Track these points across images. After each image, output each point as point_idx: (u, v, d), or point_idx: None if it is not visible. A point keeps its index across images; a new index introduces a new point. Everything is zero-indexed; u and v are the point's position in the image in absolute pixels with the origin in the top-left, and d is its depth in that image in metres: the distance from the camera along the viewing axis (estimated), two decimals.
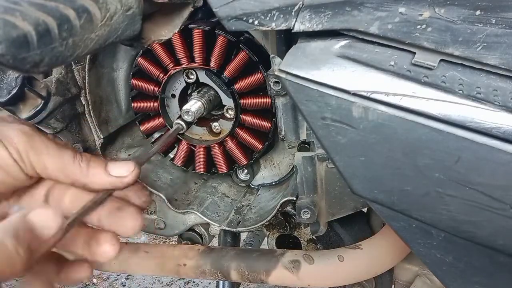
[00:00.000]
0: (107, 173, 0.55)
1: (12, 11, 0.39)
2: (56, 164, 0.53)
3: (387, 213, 0.56)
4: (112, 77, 0.97)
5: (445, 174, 0.49)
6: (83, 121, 0.94)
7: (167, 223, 1.03)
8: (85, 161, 0.55)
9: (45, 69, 0.45)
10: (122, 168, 0.55)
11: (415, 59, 0.49)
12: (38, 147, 0.52)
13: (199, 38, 0.85)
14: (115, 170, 0.55)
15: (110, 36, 0.48)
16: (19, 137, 0.51)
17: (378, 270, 0.88)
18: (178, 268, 0.96)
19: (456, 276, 0.59)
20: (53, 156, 0.53)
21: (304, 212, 0.76)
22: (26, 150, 0.51)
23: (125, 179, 0.55)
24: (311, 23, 0.50)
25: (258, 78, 0.84)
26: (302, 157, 0.73)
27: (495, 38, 0.46)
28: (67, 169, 0.54)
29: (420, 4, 0.48)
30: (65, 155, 0.54)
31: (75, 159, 0.54)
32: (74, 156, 0.54)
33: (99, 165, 0.55)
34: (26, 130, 0.53)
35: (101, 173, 0.55)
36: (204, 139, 0.97)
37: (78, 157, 0.55)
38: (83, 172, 0.54)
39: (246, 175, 1.04)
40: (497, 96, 0.46)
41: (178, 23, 0.57)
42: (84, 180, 0.55)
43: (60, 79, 0.86)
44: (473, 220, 0.51)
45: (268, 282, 0.92)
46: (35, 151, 0.52)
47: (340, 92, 0.50)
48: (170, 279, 2.34)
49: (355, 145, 0.52)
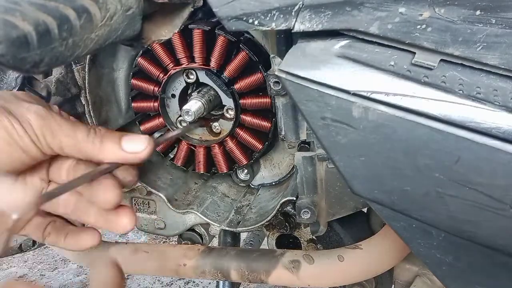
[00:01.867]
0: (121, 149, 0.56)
1: (12, 11, 0.39)
2: (71, 142, 0.55)
3: (387, 213, 0.56)
4: (112, 77, 0.97)
5: (445, 174, 0.49)
6: (83, 121, 0.94)
7: (167, 223, 1.03)
8: (99, 137, 0.56)
9: (45, 69, 0.45)
10: (136, 143, 0.57)
11: (415, 59, 0.49)
12: (53, 128, 0.54)
13: (199, 38, 0.85)
14: (129, 146, 0.57)
15: (110, 36, 0.48)
16: (36, 120, 0.53)
17: (378, 270, 0.88)
18: (178, 268, 0.96)
19: (456, 276, 0.59)
20: (68, 136, 0.55)
21: (304, 212, 0.76)
22: (42, 132, 0.54)
23: (139, 154, 0.57)
24: (311, 23, 0.50)
25: (258, 78, 0.84)
26: (302, 157, 0.73)
27: (495, 38, 0.46)
28: (82, 146, 0.56)
29: (420, 4, 0.48)
30: (79, 133, 0.56)
31: (89, 136, 0.56)
32: (87, 134, 0.56)
33: (113, 141, 0.57)
34: (41, 112, 0.55)
35: (115, 149, 0.56)
36: (204, 139, 0.97)
37: (92, 133, 0.56)
38: (96, 149, 0.56)
39: (246, 175, 1.04)
40: (497, 96, 0.46)
41: (178, 23, 0.57)
42: (98, 156, 0.56)
43: (60, 79, 0.86)
44: (473, 220, 0.51)
45: (268, 282, 0.92)
46: (50, 132, 0.54)
47: (340, 92, 0.50)
48: (170, 279, 2.34)
49: (355, 145, 0.52)
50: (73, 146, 0.56)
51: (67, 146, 0.55)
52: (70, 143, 0.55)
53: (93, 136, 0.56)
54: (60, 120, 0.56)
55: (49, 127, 0.54)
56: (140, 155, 0.57)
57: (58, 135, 0.55)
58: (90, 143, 0.56)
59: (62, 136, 0.55)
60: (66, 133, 0.55)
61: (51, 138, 0.54)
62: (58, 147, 0.55)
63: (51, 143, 0.55)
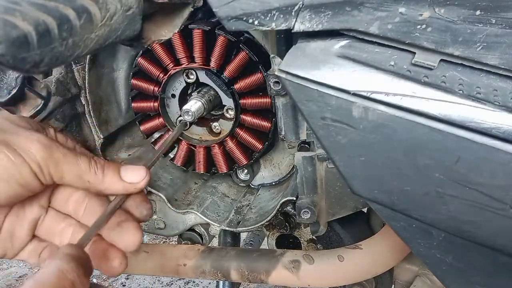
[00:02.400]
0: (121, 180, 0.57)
1: (12, 11, 0.39)
2: (73, 172, 0.55)
3: (387, 213, 0.56)
4: (112, 77, 0.97)
5: (445, 174, 0.49)
6: (83, 121, 0.94)
7: (167, 223, 1.03)
8: (100, 168, 0.57)
9: (45, 69, 0.45)
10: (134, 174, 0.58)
11: (415, 59, 0.49)
12: (56, 158, 0.54)
13: (199, 38, 0.85)
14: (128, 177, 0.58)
15: (110, 36, 0.48)
16: (39, 150, 0.52)
17: (378, 270, 0.88)
18: (178, 268, 0.96)
19: (456, 276, 0.59)
20: (71, 165, 0.55)
21: (304, 212, 0.76)
22: (46, 162, 0.53)
23: (138, 185, 0.58)
24: (311, 23, 0.50)
25: (258, 78, 0.84)
26: (302, 157, 0.73)
27: (495, 38, 0.46)
28: (84, 177, 0.56)
29: (420, 4, 0.48)
30: (82, 164, 0.56)
31: (90, 167, 0.56)
32: (89, 164, 0.56)
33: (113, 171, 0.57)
34: (44, 141, 0.54)
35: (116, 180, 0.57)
36: (204, 139, 0.97)
37: (94, 164, 0.57)
38: (98, 179, 0.56)
39: (246, 175, 1.04)
40: (497, 96, 0.46)
41: (178, 23, 0.57)
42: (100, 187, 0.57)
43: (60, 79, 0.86)
44: (473, 220, 0.51)
45: (268, 282, 0.92)
46: (54, 162, 0.53)
47: (340, 92, 0.50)
48: (170, 279, 2.34)
49: (355, 145, 0.52)
50: (75, 175, 0.55)
51: (69, 176, 0.55)
52: (73, 172, 0.55)
53: (95, 167, 0.56)
54: (63, 149, 0.55)
55: (52, 157, 0.53)
56: (139, 186, 0.58)
57: (61, 164, 0.54)
58: (92, 173, 0.56)
59: (65, 165, 0.54)
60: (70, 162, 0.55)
61: (54, 168, 0.54)
62: (59, 177, 0.55)
63: (53, 173, 0.54)
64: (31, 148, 0.52)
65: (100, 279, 2.40)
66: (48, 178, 0.54)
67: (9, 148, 0.51)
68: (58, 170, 0.54)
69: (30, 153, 0.52)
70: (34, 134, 0.54)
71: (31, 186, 0.53)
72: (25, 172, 0.51)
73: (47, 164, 0.53)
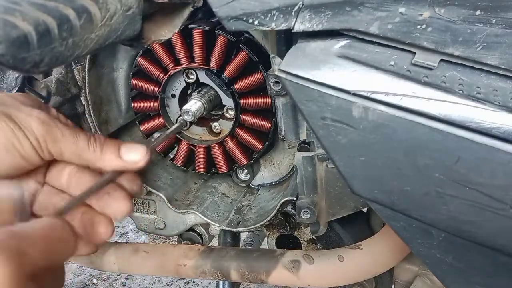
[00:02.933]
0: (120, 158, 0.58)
1: (12, 11, 0.39)
2: (72, 150, 0.56)
3: (387, 213, 0.56)
4: (112, 77, 0.97)
5: (445, 174, 0.49)
6: (83, 121, 0.94)
7: (167, 223, 1.03)
8: (99, 145, 0.57)
9: (45, 69, 0.45)
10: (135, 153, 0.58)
11: (415, 59, 0.49)
12: (55, 135, 0.55)
13: (199, 38, 0.85)
14: (128, 155, 0.58)
15: (110, 36, 0.48)
16: (38, 127, 0.53)
17: (378, 270, 0.88)
18: (178, 268, 0.96)
19: (456, 276, 0.59)
20: (69, 143, 0.56)
21: (304, 212, 0.76)
22: (44, 138, 0.54)
23: (138, 163, 0.58)
24: (311, 23, 0.50)
25: (258, 78, 0.84)
26: (302, 157, 0.73)
27: (495, 38, 0.46)
28: (82, 154, 0.56)
29: (420, 4, 0.48)
30: (80, 141, 0.56)
31: (89, 144, 0.57)
32: (88, 141, 0.57)
33: (113, 149, 0.58)
34: (44, 118, 0.55)
35: (114, 158, 0.57)
36: (204, 139, 0.97)
37: (92, 141, 0.57)
38: (97, 157, 0.57)
39: (246, 175, 1.04)
40: (497, 96, 0.46)
41: (178, 23, 0.57)
42: (98, 164, 0.57)
43: (60, 79, 0.86)
44: (473, 220, 0.51)
45: (268, 282, 0.92)
46: (52, 139, 0.54)
47: (340, 92, 0.50)
48: (170, 279, 2.34)
49: (355, 145, 0.52)
50: (74, 153, 0.56)
51: (68, 153, 0.56)
52: (71, 150, 0.56)
53: (94, 144, 0.57)
54: (62, 127, 0.56)
55: (51, 134, 0.54)
56: (137, 165, 0.58)
57: (60, 142, 0.55)
58: (91, 151, 0.56)
59: (63, 143, 0.55)
60: (68, 140, 0.55)
61: (53, 145, 0.55)
62: (58, 153, 0.56)
63: (52, 150, 0.55)
64: (31, 124, 0.53)
65: (100, 279, 2.40)
66: (47, 154, 0.55)
67: (12, 121, 0.52)
68: (56, 147, 0.55)
69: (30, 128, 0.53)
70: (35, 111, 0.55)
71: (31, 160, 0.54)
72: (26, 146, 0.52)
73: (46, 140, 0.54)
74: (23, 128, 0.52)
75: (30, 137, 0.53)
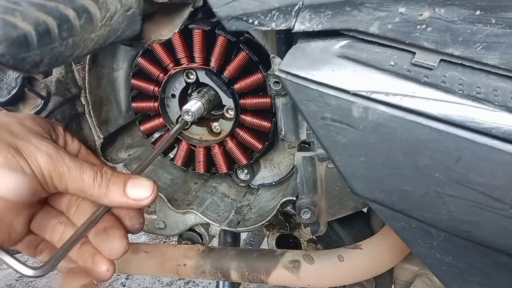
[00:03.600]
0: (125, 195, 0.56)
1: (12, 11, 0.39)
2: (77, 186, 0.56)
3: (387, 213, 0.56)
4: (112, 77, 0.97)
5: (445, 174, 0.49)
6: (83, 121, 0.94)
7: (167, 223, 1.03)
8: (105, 181, 0.56)
9: (45, 69, 0.45)
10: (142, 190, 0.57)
11: (415, 59, 0.49)
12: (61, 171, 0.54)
13: (199, 38, 0.85)
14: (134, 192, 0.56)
15: (110, 36, 0.48)
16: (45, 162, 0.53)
17: (378, 270, 0.88)
18: (178, 268, 0.96)
19: (456, 276, 0.59)
20: (75, 179, 0.55)
21: (304, 212, 0.76)
22: (50, 174, 0.54)
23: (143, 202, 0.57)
24: (311, 23, 0.50)
25: (258, 78, 0.84)
26: (302, 157, 0.73)
27: (495, 38, 0.46)
28: (87, 190, 0.56)
29: (420, 4, 0.48)
30: (86, 177, 0.55)
31: (95, 181, 0.56)
32: (94, 178, 0.56)
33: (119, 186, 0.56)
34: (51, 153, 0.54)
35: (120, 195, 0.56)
36: (204, 139, 0.97)
37: (99, 178, 0.56)
38: (102, 194, 0.56)
39: (246, 175, 1.04)
40: (497, 96, 0.46)
41: (178, 23, 0.57)
42: (103, 201, 0.57)
43: (60, 79, 0.86)
44: (473, 220, 0.51)
45: (268, 282, 0.92)
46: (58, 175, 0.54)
47: (340, 92, 0.50)
48: (170, 279, 2.34)
49: (355, 145, 0.52)
50: (79, 189, 0.56)
51: (73, 189, 0.56)
52: (76, 186, 0.55)
53: (99, 181, 0.56)
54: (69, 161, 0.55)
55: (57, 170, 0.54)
56: (143, 202, 0.57)
57: (65, 178, 0.55)
58: (96, 187, 0.56)
59: (69, 180, 0.55)
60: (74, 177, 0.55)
61: (59, 181, 0.54)
62: (64, 188, 0.55)
63: (57, 185, 0.55)
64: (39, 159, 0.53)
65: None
66: (52, 189, 0.55)
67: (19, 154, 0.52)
68: (62, 183, 0.55)
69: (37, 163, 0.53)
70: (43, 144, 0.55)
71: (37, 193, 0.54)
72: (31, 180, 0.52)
73: (52, 176, 0.54)
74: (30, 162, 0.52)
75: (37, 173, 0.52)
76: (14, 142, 0.52)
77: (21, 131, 0.55)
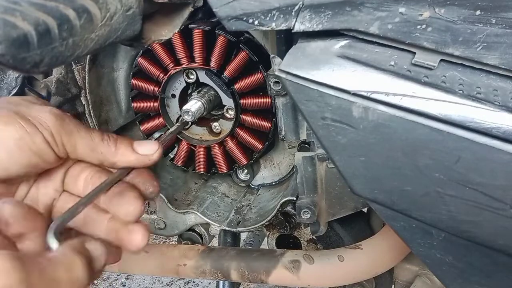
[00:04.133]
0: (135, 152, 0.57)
1: (12, 11, 0.39)
2: (86, 144, 0.55)
3: (387, 213, 0.56)
4: (112, 77, 0.97)
5: (445, 174, 0.49)
6: (83, 121, 0.94)
7: (167, 223, 1.03)
8: (113, 141, 0.57)
9: (45, 69, 0.45)
10: (148, 147, 0.58)
11: (415, 59, 0.49)
12: (69, 129, 0.54)
13: (199, 38, 0.85)
14: (142, 149, 0.58)
15: (110, 36, 0.48)
16: (51, 120, 0.53)
17: (378, 270, 0.88)
18: (178, 268, 0.96)
19: (456, 276, 0.59)
20: (84, 137, 0.55)
21: (304, 212, 0.76)
22: (59, 132, 0.53)
23: (152, 156, 0.58)
24: (311, 23, 0.50)
25: (258, 78, 0.84)
26: (302, 157, 0.73)
27: (495, 38, 0.46)
28: (97, 149, 0.56)
29: (420, 4, 0.48)
30: (95, 136, 0.56)
31: (103, 139, 0.56)
32: (102, 137, 0.57)
33: (126, 145, 0.58)
34: (57, 112, 0.54)
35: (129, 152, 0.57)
36: (204, 139, 0.97)
37: (106, 137, 0.57)
38: (111, 152, 0.56)
39: (246, 175, 1.04)
40: (497, 96, 0.46)
41: (178, 23, 0.57)
42: (113, 159, 0.57)
43: (60, 79, 0.86)
44: (473, 220, 0.51)
45: (268, 282, 0.92)
46: (67, 132, 0.54)
47: (340, 92, 0.50)
48: (170, 279, 2.34)
49: (355, 145, 0.52)
50: (88, 147, 0.55)
51: (82, 147, 0.55)
52: (86, 143, 0.55)
53: (108, 139, 0.57)
54: (76, 121, 0.55)
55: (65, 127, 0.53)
56: (152, 157, 0.58)
57: (74, 135, 0.54)
58: (105, 145, 0.56)
59: (78, 138, 0.54)
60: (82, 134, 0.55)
61: (67, 139, 0.54)
62: (73, 148, 0.55)
63: (66, 144, 0.54)
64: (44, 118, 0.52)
65: (100, 279, 2.40)
66: (61, 149, 0.54)
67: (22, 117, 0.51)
68: (71, 140, 0.54)
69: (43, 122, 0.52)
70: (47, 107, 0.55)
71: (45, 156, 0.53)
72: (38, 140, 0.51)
73: (60, 133, 0.53)
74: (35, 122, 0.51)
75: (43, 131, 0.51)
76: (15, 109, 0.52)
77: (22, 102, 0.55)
